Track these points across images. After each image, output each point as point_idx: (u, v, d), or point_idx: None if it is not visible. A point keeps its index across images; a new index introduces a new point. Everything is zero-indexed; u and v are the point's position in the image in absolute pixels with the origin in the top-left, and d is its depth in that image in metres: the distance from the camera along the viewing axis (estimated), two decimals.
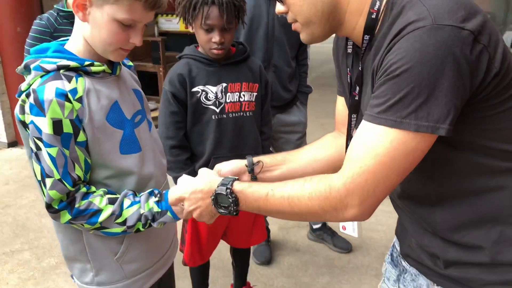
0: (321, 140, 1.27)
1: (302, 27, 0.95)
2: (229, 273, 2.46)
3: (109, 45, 1.07)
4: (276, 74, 2.34)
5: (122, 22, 1.04)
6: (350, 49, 1.01)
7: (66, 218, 1.08)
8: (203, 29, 1.62)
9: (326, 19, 0.92)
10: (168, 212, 1.12)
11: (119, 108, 1.14)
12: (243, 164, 1.21)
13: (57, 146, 1.02)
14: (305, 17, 0.92)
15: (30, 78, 1.06)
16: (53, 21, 2.02)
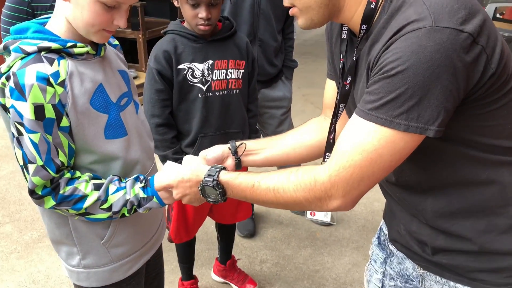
0: (306, 124, 1.27)
1: (300, 12, 0.93)
2: (214, 246, 2.50)
3: (92, 26, 1.03)
4: (261, 48, 2.30)
5: (105, 3, 1.00)
6: (345, 35, 0.99)
7: (50, 204, 1.06)
8: (189, 4, 1.56)
9: (325, 5, 0.90)
10: (154, 198, 1.12)
11: (104, 91, 1.11)
12: (227, 148, 1.21)
13: (39, 132, 0.99)
14: (304, 2, 0.91)
15: (10, 60, 1.01)
16: None
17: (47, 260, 2.43)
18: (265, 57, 2.33)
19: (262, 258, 2.49)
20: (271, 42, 2.31)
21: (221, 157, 1.19)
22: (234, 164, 1.21)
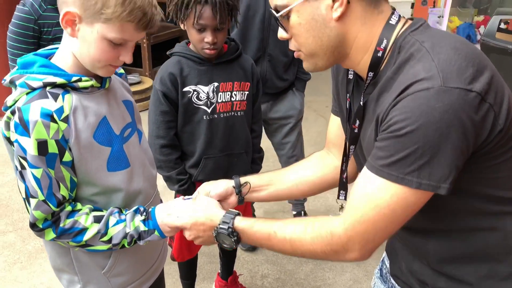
0: (309, 159, 1.28)
1: (305, 57, 0.94)
2: (215, 259, 2.51)
3: (98, 62, 1.04)
4: (271, 64, 2.30)
5: (112, 41, 1.01)
6: (351, 76, 1.00)
7: (50, 236, 1.08)
8: (195, 28, 1.56)
9: (331, 52, 0.90)
10: (156, 231, 1.13)
11: (108, 124, 1.12)
12: (231, 186, 1.22)
13: (41, 168, 1.01)
14: (310, 49, 0.91)
15: (15, 94, 1.02)
16: (37, 7, 1.92)
17: (49, 271, 2.43)
18: (275, 72, 2.33)
19: (264, 273, 2.50)
20: (281, 57, 2.30)
21: (225, 195, 1.20)
22: (237, 201, 1.23)
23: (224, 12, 1.54)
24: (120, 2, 0.96)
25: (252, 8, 2.18)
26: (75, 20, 0.99)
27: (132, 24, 1.00)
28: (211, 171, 1.76)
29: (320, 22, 0.86)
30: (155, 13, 1.03)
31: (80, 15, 0.98)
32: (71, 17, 0.98)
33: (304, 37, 0.89)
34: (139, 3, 0.98)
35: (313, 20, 0.87)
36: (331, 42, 0.88)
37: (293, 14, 0.88)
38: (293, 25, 0.89)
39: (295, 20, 0.88)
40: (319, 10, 0.85)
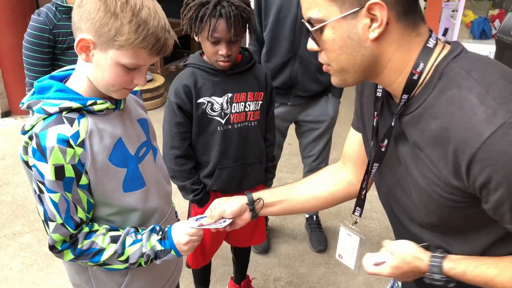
0: (321, 174, 1.28)
1: (335, 72, 0.92)
2: (229, 262, 2.54)
3: (112, 85, 1.06)
4: (302, 65, 2.27)
5: (126, 66, 1.02)
6: (380, 93, 0.98)
7: (69, 257, 1.10)
8: (209, 41, 1.56)
9: (362, 71, 0.88)
10: (172, 250, 1.15)
11: (123, 145, 1.13)
12: (245, 203, 1.22)
13: (59, 192, 1.03)
14: (341, 66, 0.89)
15: (33, 120, 1.04)
16: (52, 17, 1.93)
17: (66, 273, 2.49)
18: (307, 74, 2.30)
19: (276, 276, 2.52)
20: (313, 60, 2.24)
21: (239, 212, 1.21)
22: (251, 217, 1.23)
23: (239, 25, 1.53)
24: (133, 30, 0.97)
25: (284, 9, 2.17)
26: (89, 46, 1.00)
27: (145, 50, 1.00)
28: (225, 181, 1.77)
29: (356, 41, 0.84)
30: (168, 38, 1.03)
31: (94, 42, 0.99)
32: (85, 43, 0.99)
33: (337, 54, 0.87)
34: (152, 30, 0.98)
35: (348, 38, 0.84)
36: (364, 61, 0.86)
37: (327, 29, 0.85)
38: (326, 40, 0.86)
39: (329, 35, 0.85)
40: (355, 28, 0.83)
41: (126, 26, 0.96)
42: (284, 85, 2.34)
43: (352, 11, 0.81)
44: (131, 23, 0.96)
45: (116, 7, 0.95)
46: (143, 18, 0.97)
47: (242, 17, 1.54)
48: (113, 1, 0.95)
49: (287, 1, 2.16)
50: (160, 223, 1.25)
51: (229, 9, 1.50)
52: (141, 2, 0.98)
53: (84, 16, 0.97)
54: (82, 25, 0.98)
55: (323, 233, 2.79)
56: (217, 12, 1.51)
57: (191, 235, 1.16)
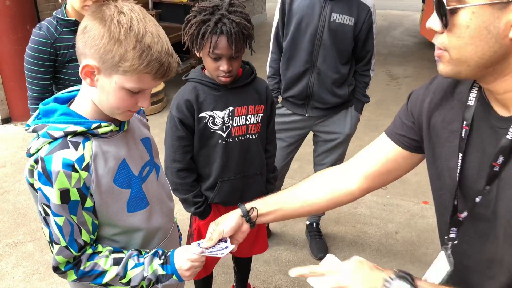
0: (318, 179, 1.24)
1: (450, 60, 0.83)
2: (230, 269, 2.55)
3: (117, 109, 1.08)
4: (319, 77, 2.30)
5: (130, 90, 1.04)
6: (472, 102, 0.91)
7: (72, 278, 1.13)
8: (210, 57, 1.58)
9: (485, 67, 0.81)
10: (174, 275, 1.16)
11: (127, 166, 1.15)
12: (239, 216, 1.22)
13: (64, 216, 1.05)
14: (463, 56, 0.80)
15: (38, 143, 1.06)
16: (53, 30, 1.95)
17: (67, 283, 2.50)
18: (323, 86, 2.32)
19: (277, 284, 2.54)
20: (330, 73, 2.29)
21: (238, 226, 1.21)
22: (250, 226, 1.24)
23: (239, 42, 1.55)
24: (137, 56, 0.98)
25: (305, 20, 2.20)
26: (94, 72, 1.02)
27: (149, 75, 1.02)
28: (227, 193, 1.79)
29: (493, 34, 0.76)
30: (172, 61, 1.05)
31: (99, 67, 1.00)
32: (90, 69, 1.01)
33: (464, 42, 0.79)
34: (156, 55, 1.00)
35: (485, 30, 0.77)
36: (493, 58, 0.79)
37: (464, 13, 0.77)
38: (458, 24, 0.78)
39: (464, 20, 0.77)
40: (498, 21, 0.75)
41: (130, 53, 0.97)
42: (301, 94, 2.36)
43: (503, 1, 0.74)
44: (135, 49, 0.97)
45: (120, 34, 0.97)
46: (146, 44, 0.98)
47: (243, 34, 1.56)
48: (116, 27, 0.97)
49: (309, 12, 2.19)
50: (163, 241, 1.27)
51: (230, 26, 1.52)
52: (144, 27, 0.99)
53: (88, 43, 0.99)
54: (86, 51, 1.00)
55: (323, 240, 2.82)
56: (218, 29, 1.53)
57: (193, 261, 1.17)
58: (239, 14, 1.56)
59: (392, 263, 2.68)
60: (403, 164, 1.12)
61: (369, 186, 1.18)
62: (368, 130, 4.08)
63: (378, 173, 1.14)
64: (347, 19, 2.18)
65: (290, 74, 2.33)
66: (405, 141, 1.10)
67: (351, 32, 2.22)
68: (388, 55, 7.23)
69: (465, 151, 0.92)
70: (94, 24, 0.99)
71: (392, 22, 10.17)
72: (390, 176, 1.16)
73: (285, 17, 2.26)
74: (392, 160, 1.12)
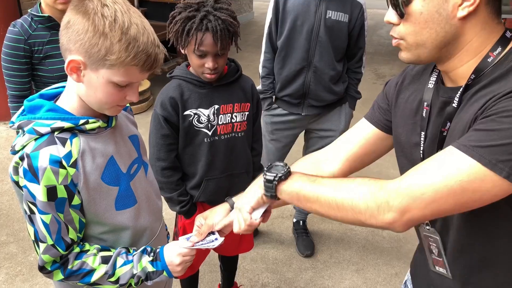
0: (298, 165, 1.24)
1: (408, 46, 0.92)
2: (216, 268, 2.54)
3: (105, 103, 1.06)
4: (316, 75, 2.29)
5: (118, 84, 1.02)
6: (432, 85, 1.00)
7: (59, 277, 1.10)
8: (196, 54, 1.57)
9: (439, 48, 0.90)
10: (164, 271, 1.15)
11: (115, 163, 1.13)
12: (228, 209, 1.23)
13: (50, 213, 1.02)
14: (419, 40, 0.90)
15: (24, 140, 1.03)
16: (27, 27, 1.92)
17: (51, 284, 2.47)
18: (320, 84, 2.32)
19: (264, 282, 2.54)
20: (327, 70, 2.29)
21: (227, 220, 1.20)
22: None
23: (225, 39, 1.54)
24: (123, 48, 0.96)
25: (301, 18, 2.19)
26: (80, 67, 0.99)
27: (137, 67, 1.00)
28: (212, 192, 1.78)
29: (444, 16, 0.86)
30: (159, 52, 1.03)
31: (85, 62, 0.98)
32: (75, 64, 0.99)
33: (420, 27, 0.88)
34: (142, 47, 0.98)
35: (436, 13, 0.86)
36: (445, 38, 0.88)
37: (417, 1, 0.87)
38: (412, 12, 0.88)
39: (417, 8, 0.87)
40: (446, 4, 0.85)
41: (116, 45, 0.95)
42: (297, 93, 2.35)
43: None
44: (121, 42, 0.95)
45: (105, 27, 0.95)
46: (132, 36, 0.96)
47: (228, 31, 1.55)
48: (101, 20, 0.95)
49: (304, 10, 2.18)
50: (151, 240, 1.25)
51: (216, 23, 1.51)
52: (129, 19, 0.97)
53: (73, 38, 0.97)
54: (71, 46, 0.98)
55: (310, 238, 2.82)
56: (203, 26, 1.51)
57: (184, 255, 1.17)
58: (225, 11, 1.55)
59: (378, 260, 2.70)
60: (380, 146, 1.19)
61: (350, 168, 1.22)
62: None
63: (358, 155, 1.19)
64: (342, 16, 2.20)
65: (286, 73, 2.32)
66: (381, 123, 1.16)
67: (346, 29, 2.23)
68: (375, 54, 7.26)
69: (426, 128, 0.99)
70: (77, 18, 0.96)
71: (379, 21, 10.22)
72: (369, 157, 1.22)
73: (279, 17, 2.26)
74: (371, 142, 1.18)
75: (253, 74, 2.50)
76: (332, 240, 2.89)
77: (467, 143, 0.80)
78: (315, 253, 2.76)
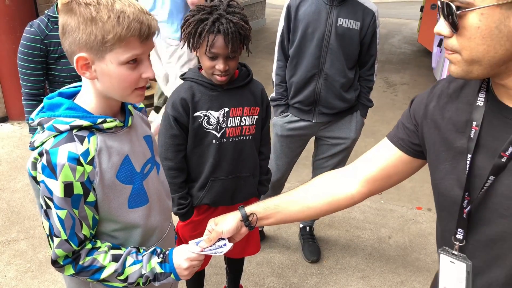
0: (318, 183, 1.24)
1: (462, 61, 0.85)
2: (222, 271, 2.56)
3: (125, 89, 1.06)
4: (327, 82, 2.30)
5: (127, 61, 1.03)
6: (482, 102, 0.92)
7: (69, 272, 1.12)
8: (207, 56, 1.60)
9: (496, 66, 0.83)
10: (172, 274, 1.17)
11: (130, 162, 1.15)
12: (239, 220, 1.23)
13: (66, 209, 1.05)
14: (475, 56, 0.82)
15: (43, 137, 1.06)
16: (43, 27, 1.97)
17: (60, 281, 2.50)
18: (331, 91, 2.33)
19: (269, 286, 2.54)
20: (338, 77, 2.30)
21: (236, 230, 1.22)
22: (248, 229, 1.25)
23: (236, 42, 1.57)
24: (115, 23, 0.98)
25: (312, 26, 2.21)
26: (88, 63, 1.02)
27: (135, 37, 1.01)
28: (217, 193, 1.80)
29: (504, 33, 0.78)
30: (150, 19, 1.04)
31: (90, 56, 1.01)
32: (83, 61, 1.01)
33: (476, 43, 0.81)
34: (132, 16, 0.99)
35: (496, 29, 0.79)
36: (505, 56, 0.81)
37: (473, 15, 0.79)
38: (468, 26, 0.80)
39: (474, 22, 0.79)
40: (508, 20, 0.78)
41: (107, 24, 0.98)
42: (308, 99, 2.36)
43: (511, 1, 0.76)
44: (110, 18, 0.98)
45: (92, 12, 0.97)
46: (119, 10, 0.98)
47: (240, 34, 1.58)
48: (86, 9, 0.98)
49: (315, 18, 2.21)
50: (160, 239, 1.27)
51: (227, 25, 1.54)
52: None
53: (71, 39, 1.00)
54: (73, 48, 1.01)
55: (316, 244, 2.82)
56: (215, 28, 1.54)
57: (192, 260, 1.18)
58: (237, 15, 1.58)
59: (384, 268, 2.69)
60: (403, 169, 1.13)
61: (369, 190, 1.18)
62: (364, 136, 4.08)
63: (379, 177, 1.14)
64: (353, 24, 2.21)
65: (297, 80, 2.34)
66: (406, 145, 1.10)
67: (357, 36, 2.24)
68: (386, 62, 7.27)
69: (474, 151, 0.92)
70: (66, 19, 1.00)
71: (391, 30, 10.24)
72: (390, 180, 1.16)
73: (291, 25, 2.28)
74: (393, 164, 1.13)
75: (264, 80, 2.54)
76: (339, 246, 2.89)
77: None
78: (321, 259, 2.76)
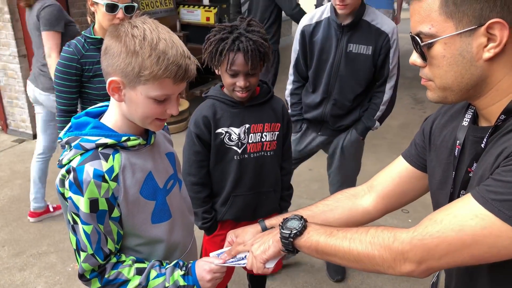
0: (337, 199, 1.26)
1: (436, 89, 0.90)
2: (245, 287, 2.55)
3: (147, 118, 1.11)
4: (335, 107, 2.38)
5: (156, 98, 1.07)
6: (466, 122, 0.97)
7: (96, 285, 1.15)
8: (228, 73, 1.63)
9: (466, 90, 0.87)
10: (195, 286, 1.18)
11: (153, 178, 1.19)
12: (260, 230, 1.24)
13: (92, 224, 1.08)
14: (445, 83, 0.88)
15: (70, 155, 1.11)
16: (80, 47, 2.07)
17: None
18: (338, 114, 2.41)
19: None
20: (345, 102, 2.36)
21: None
22: None
23: (256, 59, 1.60)
24: (154, 62, 1.03)
25: (325, 52, 2.28)
26: (119, 87, 1.07)
27: (170, 79, 1.05)
28: (239, 208, 1.81)
29: (468, 59, 0.83)
30: (189, 63, 1.08)
31: (123, 81, 1.06)
32: (115, 84, 1.07)
33: (444, 71, 0.86)
34: (172, 59, 1.04)
35: (459, 56, 0.83)
36: (472, 80, 0.85)
37: (438, 45, 0.84)
38: (435, 56, 0.86)
39: (439, 51, 0.85)
40: (469, 46, 0.82)
41: (147, 61, 1.02)
42: (315, 119, 2.46)
43: (469, 29, 0.80)
44: (151, 57, 1.02)
45: (135, 45, 1.02)
46: (161, 50, 1.03)
47: (259, 51, 1.61)
48: (131, 40, 1.03)
49: (328, 44, 2.26)
50: (183, 254, 1.30)
51: (247, 44, 1.58)
52: (157, 36, 1.04)
53: (110, 61, 1.06)
54: (109, 70, 1.07)
55: None
56: (235, 46, 1.58)
57: (215, 272, 1.19)
58: (256, 33, 1.62)
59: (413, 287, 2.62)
60: (417, 185, 1.15)
61: (386, 206, 1.19)
62: (391, 153, 4.04)
63: (394, 194, 1.15)
64: (364, 49, 2.22)
65: (310, 101, 2.43)
66: (417, 161, 1.12)
67: (369, 60, 2.24)
68: (414, 79, 7.15)
69: (457, 168, 0.96)
70: (111, 43, 1.05)
71: None
72: (406, 197, 1.18)
73: (307, 49, 2.34)
74: (407, 180, 1.15)
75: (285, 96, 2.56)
76: None
77: (485, 195, 0.78)
78: (346, 278, 2.70)
